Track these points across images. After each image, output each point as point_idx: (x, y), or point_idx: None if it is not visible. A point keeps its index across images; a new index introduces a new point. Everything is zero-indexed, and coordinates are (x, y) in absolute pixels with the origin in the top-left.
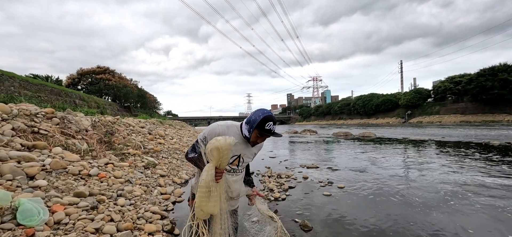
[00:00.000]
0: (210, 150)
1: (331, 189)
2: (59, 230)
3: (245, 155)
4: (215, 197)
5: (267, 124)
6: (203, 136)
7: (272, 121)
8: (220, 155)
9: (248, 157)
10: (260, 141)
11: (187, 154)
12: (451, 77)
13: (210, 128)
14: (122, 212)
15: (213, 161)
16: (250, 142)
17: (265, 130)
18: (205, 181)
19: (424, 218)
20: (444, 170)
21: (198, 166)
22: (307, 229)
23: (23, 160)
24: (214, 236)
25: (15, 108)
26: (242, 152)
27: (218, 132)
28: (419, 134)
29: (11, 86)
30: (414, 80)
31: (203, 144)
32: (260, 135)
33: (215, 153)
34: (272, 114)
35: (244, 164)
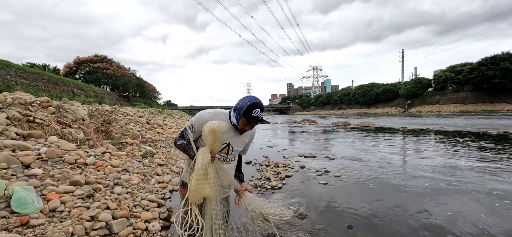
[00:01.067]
0: (207, 132)
1: (328, 178)
2: (54, 217)
3: (235, 143)
4: (210, 180)
5: (254, 111)
6: (191, 123)
7: (259, 108)
8: (215, 137)
9: (237, 145)
10: (248, 128)
11: (176, 141)
12: (452, 66)
13: (198, 115)
14: (119, 200)
15: (208, 144)
16: (238, 129)
17: (252, 117)
18: (201, 163)
19: (418, 206)
20: (441, 159)
21: (187, 152)
22: (302, 217)
23: (18, 148)
24: (206, 221)
25: (10, 97)
26: (231, 140)
27: (205, 118)
28: (418, 123)
29: (7, 75)
30: (415, 69)
31: (191, 131)
32: (248, 122)
33: (211, 135)
34: (259, 101)
35: (234, 153)
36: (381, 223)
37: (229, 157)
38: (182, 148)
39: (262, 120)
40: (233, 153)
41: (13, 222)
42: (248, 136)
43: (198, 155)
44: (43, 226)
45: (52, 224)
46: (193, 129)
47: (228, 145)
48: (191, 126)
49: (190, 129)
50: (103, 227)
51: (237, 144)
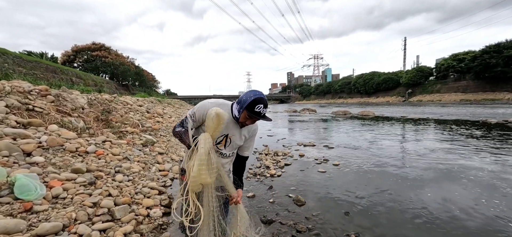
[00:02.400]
0: (212, 116)
1: (326, 166)
2: (57, 204)
3: (233, 136)
4: (213, 166)
5: (257, 106)
6: (192, 111)
7: (262, 104)
8: (218, 123)
9: (236, 138)
10: (249, 122)
11: (175, 128)
12: (454, 54)
13: (200, 104)
14: (120, 187)
15: (209, 130)
16: (239, 122)
17: (254, 112)
18: (204, 149)
19: (414, 193)
20: (438, 147)
21: (183, 140)
22: (300, 204)
23: (19, 137)
24: (204, 208)
25: (8, 85)
26: (230, 132)
27: (207, 108)
28: (418, 112)
29: (4, 63)
30: (417, 58)
31: (191, 120)
32: (249, 117)
33: (214, 120)
34: (263, 97)
35: (232, 147)
36: (377, 209)
37: (227, 151)
38: (179, 135)
39: (264, 116)
40: (231, 146)
41: (17, 208)
42: (248, 131)
43: (200, 141)
44: (47, 212)
45: (56, 210)
46: (194, 118)
47: (226, 136)
48: (192, 115)
49: (191, 118)
50: (105, 213)
51: (236, 137)
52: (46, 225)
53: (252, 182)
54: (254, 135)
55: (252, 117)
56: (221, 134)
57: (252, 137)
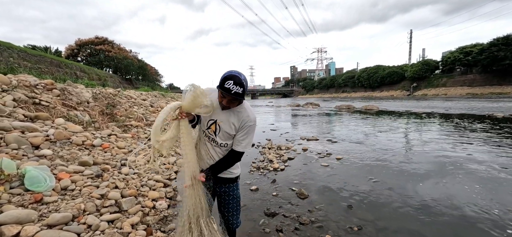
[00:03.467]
0: (188, 89)
1: (329, 160)
2: (66, 195)
3: (222, 122)
4: (169, 136)
5: (226, 83)
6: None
7: (232, 81)
8: (193, 97)
9: (225, 126)
10: (226, 102)
11: None
12: (461, 47)
13: None
14: (126, 180)
15: (184, 101)
16: (221, 105)
17: (224, 88)
18: (164, 110)
19: (417, 188)
20: (442, 142)
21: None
22: (303, 197)
23: (27, 130)
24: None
25: (14, 79)
26: (218, 118)
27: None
28: (423, 106)
29: (10, 57)
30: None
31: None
32: (223, 96)
33: (189, 94)
34: (237, 75)
35: (223, 136)
36: (380, 203)
37: (219, 139)
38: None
39: (233, 93)
40: (223, 135)
41: (28, 199)
42: (237, 119)
43: (167, 106)
44: (56, 203)
45: (65, 201)
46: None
47: (215, 122)
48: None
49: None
50: (113, 205)
51: (225, 125)
52: (57, 216)
53: (256, 176)
54: (247, 127)
55: (224, 95)
56: (210, 119)
57: (243, 128)
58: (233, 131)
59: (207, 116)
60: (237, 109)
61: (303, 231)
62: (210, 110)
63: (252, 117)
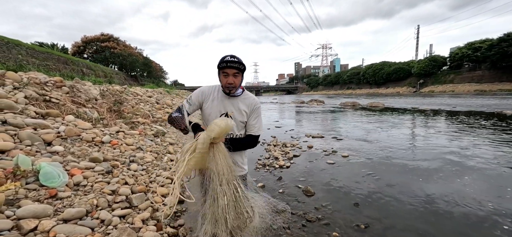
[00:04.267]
0: (218, 125)
1: (335, 158)
2: (79, 191)
3: (233, 112)
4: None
5: (224, 59)
6: (189, 96)
7: (228, 56)
8: (220, 132)
9: (237, 114)
10: (231, 78)
11: (171, 114)
12: (470, 43)
13: (197, 89)
14: (135, 176)
15: (212, 133)
16: (226, 89)
17: (222, 63)
18: (200, 150)
19: (424, 186)
20: (450, 140)
21: (178, 124)
22: (310, 194)
23: (39, 127)
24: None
25: (25, 77)
26: (228, 109)
27: (203, 90)
28: (430, 103)
29: (19, 54)
30: (430, 47)
31: (187, 103)
32: (224, 75)
33: (217, 129)
34: (232, 55)
35: (237, 125)
36: (386, 201)
37: (235, 131)
38: (176, 120)
39: (235, 60)
40: (237, 125)
41: (43, 194)
42: (246, 105)
43: (199, 142)
44: (70, 198)
45: (78, 196)
46: (190, 101)
47: (226, 115)
48: (189, 98)
49: (187, 101)
50: (123, 200)
51: (236, 112)
52: (71, 211)
53: (262, 173)
54: (256, 109)
55: (226, 70)
56: (220, 113)
57: (253, 112)
58: (245, 118)
59: (212, 115)
60: (242, 96)
61: (310, 228)
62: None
63: (258, 100)
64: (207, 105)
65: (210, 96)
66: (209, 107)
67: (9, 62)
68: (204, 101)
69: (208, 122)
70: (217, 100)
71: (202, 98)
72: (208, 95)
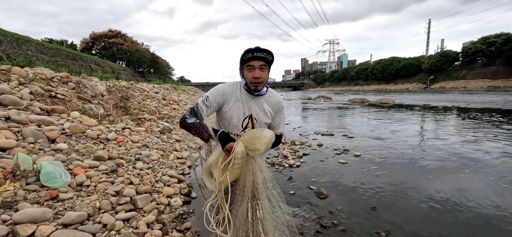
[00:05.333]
0: (254, 141)
1: (347, 157)
2: (82, 191)
3: (257, 114)
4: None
5: (248, 51)
6: (205, 96)
7: (252, 47)
8: (265, 148)
9: (262, 115)
10: (258, 72)
11: (184, 119)
12: (484, 37)
13: (215, 87)
14: (141, 175)
15: (246, 143)
16: (251, 88)
17: (247, 54)
18: (238, 164)
19: (446, 188)
20: (467, 138)
21: (199, 133)
22: (323, 197)
23: (43, 123)
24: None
25: (31, 72)
26: (252, 111)
27: (223, 89)
28: (441, 100)
29: (28, 50)
30: (441, 41)
31: (204, 106)
32: (249, 68)
33: (259, 144)
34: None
35: (259, 125)
36: (407, 205)
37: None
38: (194, 128)
39: (262, 50)
40: (260, 126)
41: (43, 195)
42: (270, 105)
43: (237, 157)
44: (72, 200)
45: (80, 198)
46: (207, 103)
47: (250, 117)
48: (205, 99)
49: (203, 103)
50: (128, 202)
51: (261, 114)
52: (72, 214)
53: (271, 172)
54: (281, 109)
55: (249, 64)
56: (244, 116)
57: (279, 111)
58: (270, 119)
59: (234, 119)
60: (268, 95)
61: (325, 234)
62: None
63: (281, 98)
64: (228, 107)
65: (232, 97)
66: (230, 110)
67: (19, 58)
68: (225, 103)
69: (229, 126)
70: (240, 101)
71: (223, 99)
72: (229, 95)
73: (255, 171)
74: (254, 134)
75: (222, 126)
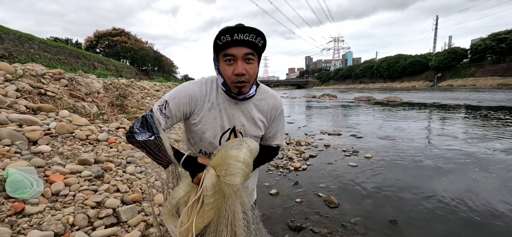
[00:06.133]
0: (227, 164)
1: (357, 159)
2: (57, 203)
3: (243, 125)
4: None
5: (224, 30)
6: (163, 101)
7: (230, 26)
8: (243, 174)
9: (251, 126)
10: (240, 69)
11: (133, 132)
12: (494, 34)
13: (176, 89)
14: (131, 181)
15: (218, 167)
16: (232, 90)
17: (222, 38)
18: (209, 202)
19: (473, 195)
20: (485, 137)
21: (155, 155)
22: (333, 206)
23: (25, 123)
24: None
25: (20, 68)
26: (235, 122)
27: (189, 91)
28: (451, 98)
29: (31, 48)
30: (449, 38)
31: (162, 115)
32: (226, 60)
33: (234, 168)
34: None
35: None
36: (431, 218)
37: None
38: (146, 148)
39: (240, 30)
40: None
41: (6, 210)
42: (259, 111)
43: (207, 192)
44: (41, 215)
45: (52, 211)
46: (166, 111)
47: (233, 131)
48: (163, 105)
49: (160, 111)
50: (110, 215)
51: (249, 125)
52: (34, 234)
53: (275, 176)
54: (278, 115)
55: (226, 53)
56: (222, 130)
57: (276, 118)
58: (263, 129)
59: (208, 134)
60: (258, 97)
61: None
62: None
63: (279, 98)
64: (199, 117)
65: (204, 103)
66: (202, 122)
67: (21, 56)
68: (193, 112)
69: (201, 142)
70: (216, 109)
71: (190, 107)
72: (199, 100)
73: (234, 210)
74: (228, 151)
75: (192, 142)
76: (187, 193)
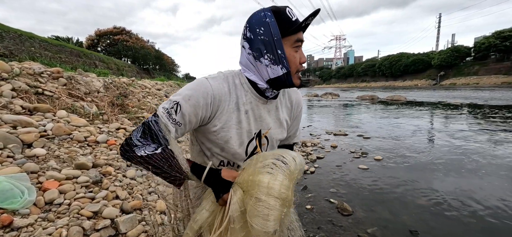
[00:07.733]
0: (268, 187)
1: (367, 161)
2: (50, 213)
3: (270, 130)
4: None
5: (290, 12)
6: (173, 102)
7: (287, 7)
8: (285, 199)
9: (276, 130)
10: (303, 56)
11: (132, 147)
12: (498, 31)
13: (192, 86)
14: (131, 186)
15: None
16: (293, 82)
17: (294, 21)
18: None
19: (498, 199)
20: (495, 138)
21: (168, 175)
22: (347, 213)
23: (20, 124)
24: None
25: (16, 67)
26: (263, 124)
27: (211, 90)
28: (455, 96)
29: (31, 47)
30: (452, 36)
31: (172, 122)
32: (295, 47)
33: (277, 193)
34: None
35: (272, 147)
36: (456, 230)
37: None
38: (152, 164)
39: (312, 14)
40: (272, 146)
41: None
42: (284, 109)
43: (233, 209)
44: (32, 228)
45: (44, 224)
46: (177, 117)
47: (258, 135)
48: (173, 108)
49: (169, 116)
50: (107, 226)
51: (275, 127)
52: None
53: None
54: (300, 111)
55: (299, 36)
56: (249, 136)
57: (298, 116)
58: (286, 130)
59: (233, 142)
60: (280, 94)
61: None
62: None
63: (299, 92)
64: (221, 123)
65: (227, 104)
66: (225, 128)
67: (22, 55)
68: (214, 116)
69: (223, 153)
70: (241, 110)
71: (211, 110)
72: (223, 102)
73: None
74: (257, 176)
75: (209, 154)
76: (212, 213)
